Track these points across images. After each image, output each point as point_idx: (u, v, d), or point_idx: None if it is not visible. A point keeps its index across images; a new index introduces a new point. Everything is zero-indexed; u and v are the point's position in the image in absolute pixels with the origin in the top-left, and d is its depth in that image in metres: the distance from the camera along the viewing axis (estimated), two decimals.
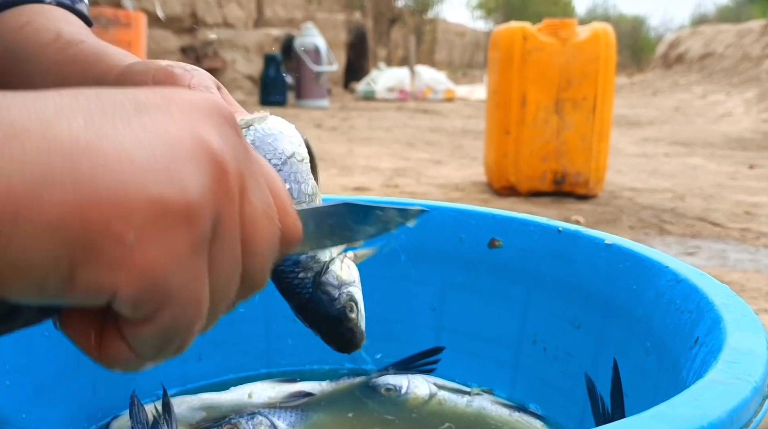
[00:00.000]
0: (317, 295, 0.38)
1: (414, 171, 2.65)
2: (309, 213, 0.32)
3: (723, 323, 0.36)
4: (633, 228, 1.84)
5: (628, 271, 0.50)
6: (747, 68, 7.01)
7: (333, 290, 0.39)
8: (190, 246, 0.22)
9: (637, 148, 3.67)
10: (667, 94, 7.28)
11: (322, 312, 0.38)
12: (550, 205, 2.06)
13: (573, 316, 0.56)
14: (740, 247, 1.68)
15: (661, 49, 9.48)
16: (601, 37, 2.04)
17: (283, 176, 0.38)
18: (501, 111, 2.11)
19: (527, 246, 0.59)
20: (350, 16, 8.43)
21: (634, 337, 0.48)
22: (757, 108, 5.44)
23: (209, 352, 0.60)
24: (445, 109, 5.90)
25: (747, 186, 2.53)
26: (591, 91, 2.04)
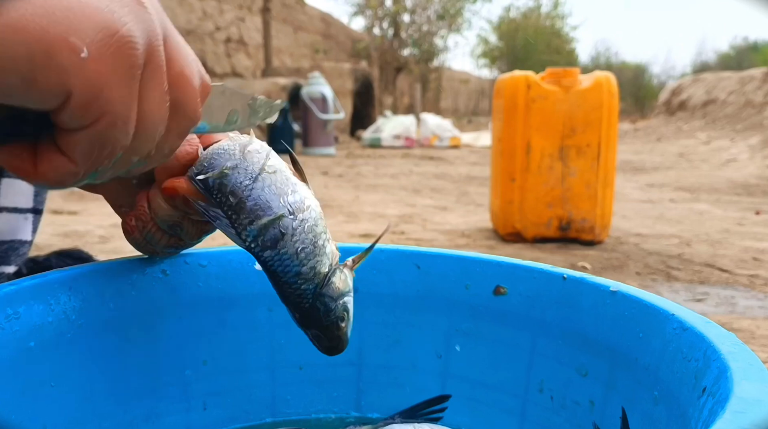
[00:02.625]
0: (316, 306, 0.41)
1: (420, 217, 2.66)
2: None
3: (730, 372, 0.36)
4: (640, 274, 1.83)
5: (633, 318, 0.50)
6: (750, 115, 7.07)
7: (331, 302, 0.42)
8: (128, 67, 0.28)
9: (643, 194, 3.68)
10: (671, 140, 7.34)
11: (317, 321, 0.42)
12: (556, 251, 2.06)
13: (580, 364, 0.55)
14: (749, 294, 1.66)
15: (663, 95, 9.60)
16: (604, 85, 2.07)
17: (256, 192, 0.41)
18: (506, 158, 2.13)
19: (532, 293, 0.59)
20: (356, 65, 8.61)
21: (642, 385, 0.48)
22: (761, 154, 5.47)
23: (214, 402, 0.60)
24: (450, 156, 5.95)
25: (754, 232, 2.52)
26: (595, 138, 2.07)
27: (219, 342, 0.60)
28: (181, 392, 0.57)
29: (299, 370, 0.63)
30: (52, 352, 0.48)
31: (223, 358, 0.60)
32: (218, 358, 0.60)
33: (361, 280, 0.65)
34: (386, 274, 0.64)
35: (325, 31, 12.20)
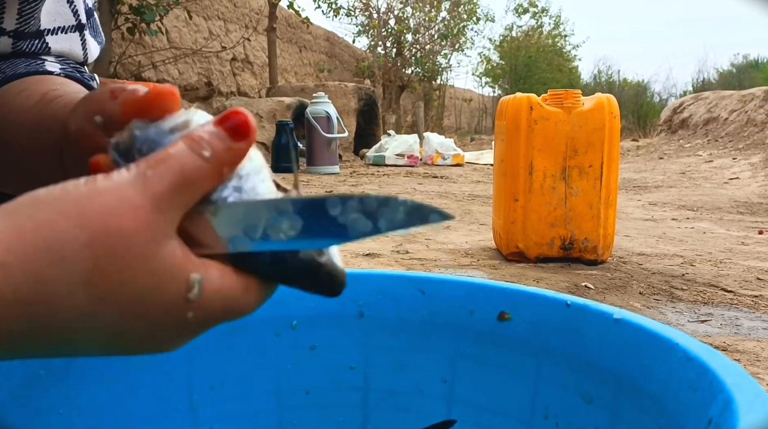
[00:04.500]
0: (278, 255, 0.33)
1: (423, 237, 2.66)
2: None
3: (735, 405, 0.36)
4: (643, 294, 1.83)
5: (638, 346, 0.51)
6: (752, 133, 7.09)
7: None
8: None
9: (645, 213, 3.68)
10: (673, 159, 7.35)
11: (290, 268, 0.33)
12: (559, 271, 2.06)
13: (585, 391, 0.55)
14: (753, 315, 1.66)
15: (665, 114, 9.63)
16: (605, 107, 2.09)
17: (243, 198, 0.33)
18: (509, 178, 2.14)
19: (536, 319, 0.59)
20: (360, 84, 8.67)
21: (648, 414, 0.48)
22: (763, 172, 5.47)
23: (221, 427, 0.60)
24: (453, 174, 5.97)
25: (757, 251, 2.52)
26: (597, 159, 2.08)
27: (226, 367, 0.60)
28: (188, 418, 0.58)
29: (306, 394, 0.64)
30: (61, 379, 0.48)
31: (230, 383, 0.60)
32: (225, 383, 0.60)
33: (366, 305, 0.65)
34: (391, 300, 0.65)
35: (330, 51, 12.31)
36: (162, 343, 0.31)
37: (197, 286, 0.29)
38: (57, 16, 0.56)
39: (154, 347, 0.31)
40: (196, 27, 7.99)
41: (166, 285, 0.28)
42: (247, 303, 0.32)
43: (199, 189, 0.30)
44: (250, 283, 0.32)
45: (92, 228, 0.27)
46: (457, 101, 18.48)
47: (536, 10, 18.83)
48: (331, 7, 12.99)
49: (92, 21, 0.60)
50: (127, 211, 0.28)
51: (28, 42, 0.54)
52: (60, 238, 0.27)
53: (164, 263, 0.28)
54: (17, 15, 0.53)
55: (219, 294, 0.30)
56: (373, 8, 13.45)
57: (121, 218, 0.28)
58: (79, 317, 0.27)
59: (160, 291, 0.28)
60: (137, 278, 0.28)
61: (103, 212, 0.28)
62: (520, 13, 18.81)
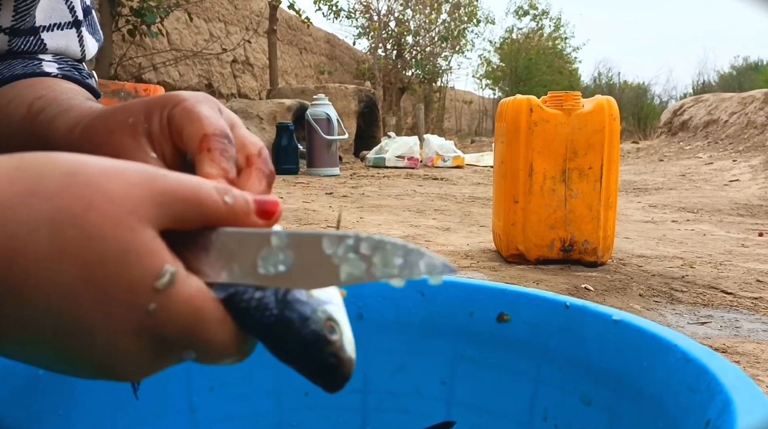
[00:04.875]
0: (284, 316, 0.30)
1: (424, 238, 2.66)
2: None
3: (734, 406, 0.36)
4: (643, 296, 1.83)
5: (637, 348, 0.51)
6: (752, 135, 7.09)
7: (304, 307, 0.30)
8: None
9: (645, 215, 3.68)
10: (673, 161, 7.35)
11: (294, 337, 0.30)
12: (558, 273, 2.06)
13: (584, 393, 0.55)
14: (753, 317, 1.66)
15: (665, 116, 9.63)
16: (605, 109, 2.09)
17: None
18: (509, 180, 2.14)
19: (536, 321, 0.59)
20: (361, 86, 8.67)
21: (647, 415, 0.48)
22: (764, 175, 5.47)
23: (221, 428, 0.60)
24: (453, 176, 5.97)
25: (757, 253, 2.52)
26: (597, 161, 2.08)
27: (225, 369, 0.60)
28: (187, 419, 0.58)
29: (305, 396, 0.64)
30: (60, 380, 0.48)
31: (229, 384, 0.60)
32: (225, 385, 0.60)
33: (366, 307, 0.65)
34: (391, 301, 0.65)
35: (330, 53, 12.32)
36: (116, 347, 0.28)
37: (168, 276, 0.27)
38: (53, 13, 0.56)
39: (107, 353, 0.28)
40: (197, 29, 7.99)
41: (134, 263, 0.27)
42: (216, 337, 0.29)
43: (198, 217, 0.29)
44: (231, 322, 0.30)
45: (78, 177, 0.27)
46: (458, 103, 18.49)
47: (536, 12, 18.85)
48: (332, 9, 13.01)
49: (90, 19, 0.60)
50: (120, 179, 0.27)
51: (24, 39, 0.54)
52: (41, 171, 0.26)
53: (139, 241, 0.27)
54: (13, 12, 0.53)
55: (190, 304, 0.28)
56: (374, 10, 13.46)
57: (111, 182, 0.27)
58: (38, 261, 0.25)
59: (126, 265, 0.27)
60: (107, 241, 0.26)
61: (96, 170, 0.27)
62: (521, 16, 18.83)
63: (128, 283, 0.27)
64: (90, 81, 0.57)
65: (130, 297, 0.27)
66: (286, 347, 0.30)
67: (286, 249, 0.29)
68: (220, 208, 0.30)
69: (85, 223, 0.26)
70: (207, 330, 0.29)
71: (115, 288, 0.26)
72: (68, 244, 0.26)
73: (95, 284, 0.26)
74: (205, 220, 0.30)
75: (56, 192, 0.26)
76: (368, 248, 0.28)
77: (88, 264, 0.26)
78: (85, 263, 0.26)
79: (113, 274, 0.26)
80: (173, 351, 0.29)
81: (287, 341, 0.30)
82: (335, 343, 0.31)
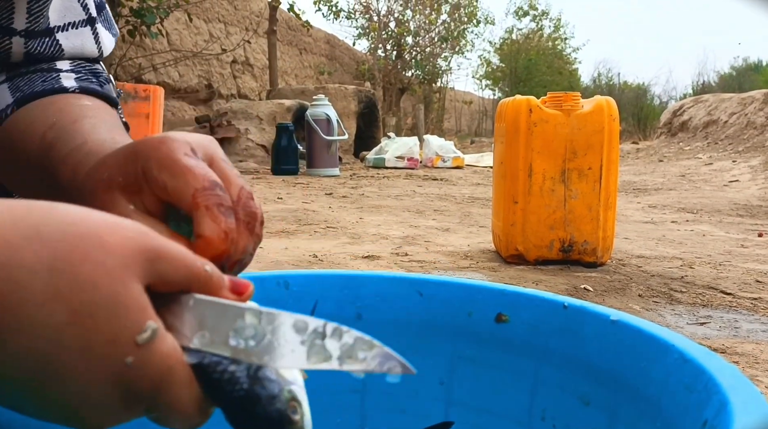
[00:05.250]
0: (254, 392, 0.31)
1: (423, 239, 2.66)
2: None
3: (731, 406, 0.36)
4: (642, 296, 1.83)
5: (635, 348, 0.51)
6: (752, 136, 7.10)
7: (272, 386, 0.32)
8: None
9: (645, 215, 3.68)
10: (672, 161, 7.35)
11: (260, 412, 0.32)
12: (558, 273, 2.06)
13: (582, 393, 0.55)
14: (752, 318, 1.66)
15: (665, 116, 9.64)
16: (605, 109, 2.09)
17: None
18: (508, 181, 2.15)
19: (534, 321, 0.60)
20: (361, 86, 8.68)
21: (644, 415, 0.48)
22: (763, 175, 5.47)
23: None
24: (453, 177, 5.98)
25: (757, 254, 2.52)
26: (596, 161, 2.08)
27: None
28: None
29: None
30: None
31: None
32: None
33: (364, 308, 0.65)
34: (389, 301, 0.65)
35: (330, 53, 12.33)
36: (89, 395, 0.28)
37: (150, 332, 0.29)
38: (66, 12, 0.56)
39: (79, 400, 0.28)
40: (197, 29, 8.00)
41: (121, 315, 0.28)
42: (181, 398, 0.31)
43: (181, 279, 0.31)
44: (197, 387, 0.31)
45: (78, 227, 0.28)
46: (458, 104, 18.50)
47: (536, 13, 18.86)
48: (332, 9, 13.02)
49: (104, 13, 0.60)
50: (118, 233, 0.29)
51: (39, 41, 0.54)
52: (44, 218, 0.28)
53: (129, 294, 0.28)
54: (27, 14, 0.53)
55: (164, 361, 0.29)
56: (374, 11, 13.47)
57: (109, 235, 0.29)
58: (31, 304, 0.26)
59: (114, 316, 0.28)
60: (99, 291, 0.27)
61: (98, 223, 0.29)
62: (520, 16, 18.83)
63: (113, 333, 0.28)
64: (108, 87, 0.57)
65: (111, 348, 0.28)
66: (250, 421, 0.32)
67: (258, 325, 0.31)
68: (202, 274, 0.31)
69: (80, 272, 0.27)
70: (174, 389, 0.30)
71: (99, 337, 0.28)
72: (62, 290, 0.27)
73: (82, 331, 0.27)
74: (186, 283, 0.31)
75: (57, 240, 0.27)
76: (334, 338, 0.31)
77: (78, 311, 0.27)
78: (75, 310, 0.27)
79: (101, 324, 0.27)
80: (141, 405, 0.30)
81: (253, 416, 0.32)
82: (296, 423, 0.33)
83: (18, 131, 0.50)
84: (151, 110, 3.89)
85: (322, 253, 2.30)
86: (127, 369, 0.28)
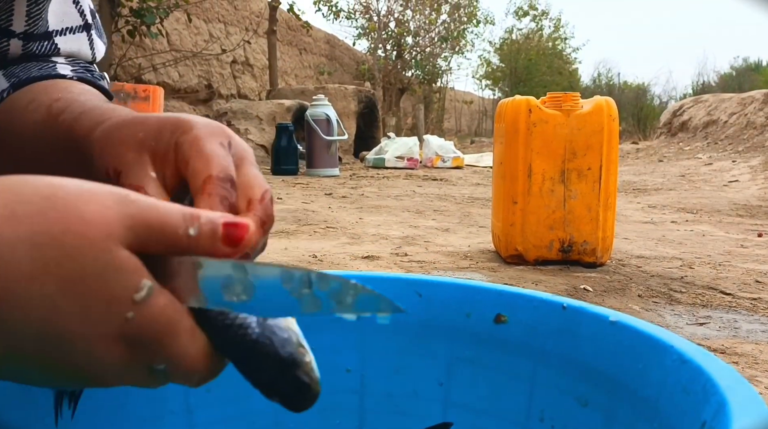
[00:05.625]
0: (265, 336, 0.32)
1: (423, 239, 2.66)
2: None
3: (729, 407, 0.36)
4: (642, 297, 1.83)
5: (633, 349, 0.51)
6: (752, 136, 7.10)
7: (281, 331, 0.33)
8: None
9: (644, 215, 3.68)
10: (672, 161, 7.35)
11: (272, 355, 0.32)
12: (557, 273, 2.06)
13: (580, 394, 0.55)
14: (752, 318, 1.66)
15: (665, 116, 9.64)
16: (604, 109, 2.09)
17: None
18: (507, 181, 2.15)
19: (533, 322, 0.59)
20: (361, 87, 8.68)
21: (642, 417, 0.48)
22: (763, 175, 5.47)
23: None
24: (453, 177, 5.98)
25: (756, 254, 2.52)
26: (596, 162, 2.08)
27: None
28: (184, 420, 0.58)
29: None
30: None
31: (226, 385, 0.60)
32: (221, 386, 0.60)
33: None
34: None
35: (330, 53, 12.32)
36: (94, 354, 0.29)
37: (146, 290, 0.29)
38: (64, 17, 0.56)
39: (87, 360, 0.29)
40: (197, 30, 8.00)
41: (113, 279, 0.28)
42: (187, 348, 0.31)
43: (160, 246, 0.31)
44: (202, 336, 0.32)
45: (55, 200, 0.28)
46: (458, 104, 18.50)
47: (536, 13, 18.86)
48: (332, 9, 13.02)
49: (96, 21, 0.61)
50: (94, 202, 0.29)
51: (38, 44, 0.55)
52: (19, 195, 0.28)
53: (117, 260, 0.28)
54: (26, 17, 0.53)
55: (165, 310, 0.30)
56: (374, 11, 13.47)
57: (86, 205, 0.28)
58: (19, 280, 0.27)
59: (107, 280, 0.28)
60: (86, 258, 0.28)
61: (72, 194, 0.29)
62: (520, 16, 18.84)
63: (109, 295, 0.28)
64: (102, 83, 0.57)
65: (110, 308, 0.28)
66: (261, 367, 0.32)
67: (247, 280, 0.31)
68: (182, 240, 0.31)
69: (64, 244, 0.27)
70: (178, 340, 0.30)
71: (96, 301, 0.28)
72: (49, 262, 0.27)
73: (75, 298, 0.27)
74: (166, 248, 0.31)
75: (35, 214, 0.27)
76: (321, 285, 0.31)
77: (68, 280, 0.27)
78: (65, 280, 0.27)
79: (94, 290, 0.28)
80: (146, 358, 0.30)
81: (265, 360, 0.32)
82: (308, 364, 0.33)
83: (19, 108, 0.49)
84: (150, 110, 3.90)
85: (321, 253, 2.30)
86: (128, 323, 0.29)
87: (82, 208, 0.28)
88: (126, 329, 0.29)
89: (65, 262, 0.27)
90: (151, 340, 0.30)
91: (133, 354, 0.30)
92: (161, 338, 0.30)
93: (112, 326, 0.29)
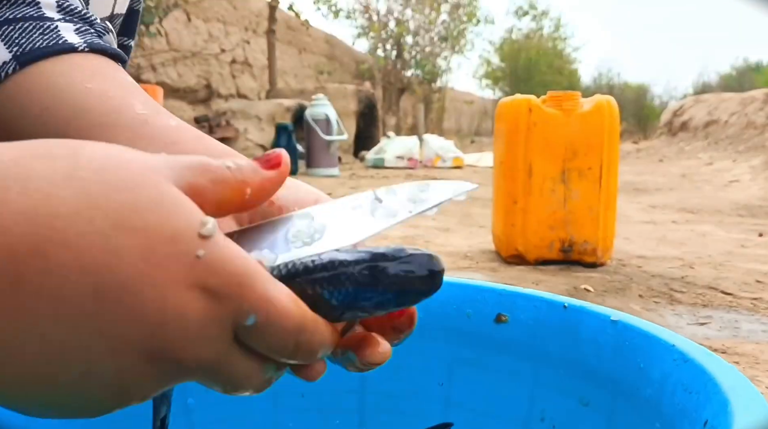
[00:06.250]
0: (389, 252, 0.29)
1: (423, 239, 2.66)
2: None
3: (731, 407, 0.36)
4: (643, 297, 1.83)
5: (634, 348, 0.50)
6: (752, 136, 7.10)
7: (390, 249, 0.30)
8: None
9: (645, 215, 3.68)
10: (673, 161, 7.35)
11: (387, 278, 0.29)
12: (558, 273, 2.06)
13: (581, 394, 0.55)
14: (752, 318, 1.66)
15: (665, 116, 9.64)
16: (605, 109, 2.09)
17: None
18: (508, 181, 2.14)
19: (533, 322, 0.59)
20: (360, 86, 8.68)
21: (644, 417, 0.48)
22: (764, 175, 5.47)
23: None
24: (453, 177, 5.97)
25: (757, 254, 2.52)
26: (596, 162, 2.08)
27: None
28: (183, 420, 0.57)
29: (301, 397, 0.64)
30: None
31: None
32: None
33: None
34: None
35: (329, 53, 12.32)
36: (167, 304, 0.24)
37: (211, 224, 0.25)
38: None
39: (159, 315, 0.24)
40: (196, 29, 7.99)
41: (173, 212, 0.25)
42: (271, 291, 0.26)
43: (208, 184, 0.28)
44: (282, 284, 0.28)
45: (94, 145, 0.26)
46: (458, 103, 18.50)
47: (536, 12, 18.87)
48: (331, 9, 13.02)
49: None
50: (139, 155, 0.27)
51: None
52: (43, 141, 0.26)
53: (172, 192, 0.25)
54: None
55: (239, 254, 0.26)
56: (373, 10, 13.47)
57: (128, 151, 0.26)
58: (65, 210, 0.24)
59: (167, 213, 0.25)
60: (137, 190, 0.25)
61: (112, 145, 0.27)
62: (520, 16, 18.84)
63: (171, 231, 0.25)
64: (108, 38, 0.50)
65: (175, 245, 0.25)
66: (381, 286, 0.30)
67: (311, 220, 0.30)
68: (226, 173, 0.28)
69: (107, 177, 0.25)
70: (259, 279, 0.26)
71: (156, 236, 0.24)
72: (93, 194, 0.24)
73: (132, 233, 0.24)
74: (213, 185, 0.28)
75: (70, 155, 0.25)
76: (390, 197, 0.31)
77: (119, 213, 0.24)
78: (116, 212, 0.24)
79: (152, 224, 0.24)
80: (230, 307, 0.26)
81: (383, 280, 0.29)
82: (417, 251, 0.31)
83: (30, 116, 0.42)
84: None
85: None
86: (201, 263, 0.25)
87: (125, 153, 0.26)
88: (200, 271, 0.25)
89: (113, 194, 0.24)
90: (229, 282, 0.25)
91: (213, 307, 0.25)
92: (241, 279, 0.26)
93: (182, 268, 0.24)
